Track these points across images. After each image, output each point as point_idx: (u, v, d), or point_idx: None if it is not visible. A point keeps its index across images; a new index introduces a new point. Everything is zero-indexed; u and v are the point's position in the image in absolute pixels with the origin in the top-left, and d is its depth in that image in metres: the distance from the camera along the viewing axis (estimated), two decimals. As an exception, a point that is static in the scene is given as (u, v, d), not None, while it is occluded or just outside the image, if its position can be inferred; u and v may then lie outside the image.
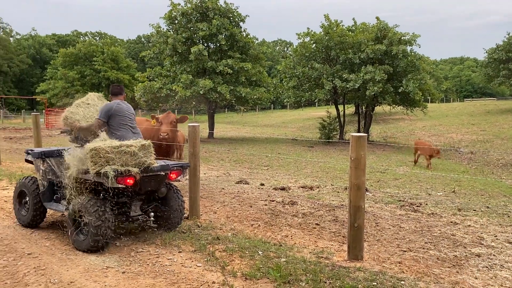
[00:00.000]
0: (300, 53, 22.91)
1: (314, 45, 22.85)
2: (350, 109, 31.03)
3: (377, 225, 6.21)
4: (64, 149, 5.77)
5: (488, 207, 7.83)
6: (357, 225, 4.52)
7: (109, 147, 4.71)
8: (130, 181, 4.73)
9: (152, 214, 5.30)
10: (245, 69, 22.91)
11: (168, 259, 4.57)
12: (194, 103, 25.04)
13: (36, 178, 5.79)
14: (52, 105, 44.61)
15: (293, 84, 22.65)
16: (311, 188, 9.02)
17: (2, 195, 7.60)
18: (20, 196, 5.90)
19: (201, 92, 22.08)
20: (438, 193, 9.03)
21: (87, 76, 42.12)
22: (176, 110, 42.68)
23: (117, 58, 45.18)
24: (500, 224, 6.46)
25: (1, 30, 69.85)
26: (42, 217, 5.75)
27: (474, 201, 8.46)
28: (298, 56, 23.04)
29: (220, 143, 21.66)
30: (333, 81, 20.99)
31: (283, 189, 8.79)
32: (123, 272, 4.19)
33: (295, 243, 5.31)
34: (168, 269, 4.30)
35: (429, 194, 8.84)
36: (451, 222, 6.47)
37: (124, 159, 4.73)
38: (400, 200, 8.03)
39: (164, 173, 5.16)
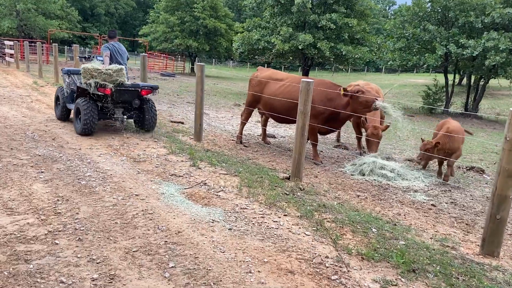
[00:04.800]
0: (413, 12, 20.74)
1: (429, 4, 20.59)
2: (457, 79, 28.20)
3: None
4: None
5: None
6: (499, 217, 3.83)
7: (93, 68, 7.05)
8: (107, 91, 7.00)
9: (125, 117, 7.62)
10: (350, 25, 21.51)
11: (274, 221, 4.28)
12: (291, 57, 24.34)
13: (63, 87, 8.45)
14: (152, 49, 46.44)
15: (400, 45, 20.70)
16: (419, 162, 8.19)
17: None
18: (56, 99, 8.66)
19: (299, 47, 21.25)
20: None
21: (187, 22, 42.77)
22: (269, 64, 42.28)
23: (216, 6, 45.09)
24: None
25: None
26: (68, 114, 8.39)
27: None
28: (410, 15, 20.89)
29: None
30: (447, 46, 18.86)
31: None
32: (230, 229, 3.97)
33: (411, 223, 4.74)
34: (275, 232, 4.00)
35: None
36: None
37: (103, 77, 7.02)
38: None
39: (134, 89, 7.44)
